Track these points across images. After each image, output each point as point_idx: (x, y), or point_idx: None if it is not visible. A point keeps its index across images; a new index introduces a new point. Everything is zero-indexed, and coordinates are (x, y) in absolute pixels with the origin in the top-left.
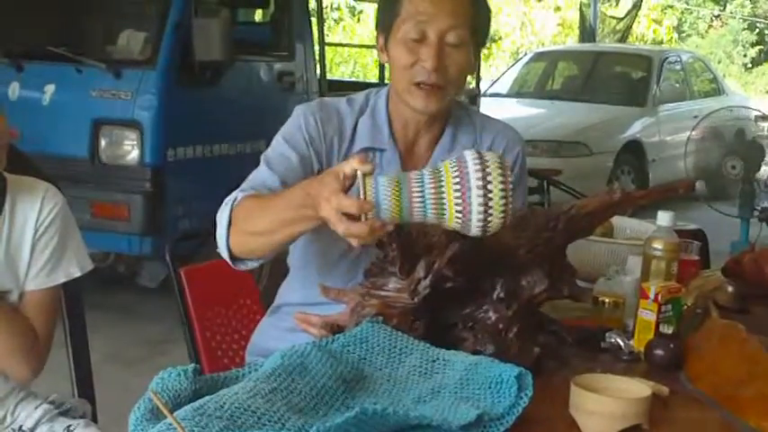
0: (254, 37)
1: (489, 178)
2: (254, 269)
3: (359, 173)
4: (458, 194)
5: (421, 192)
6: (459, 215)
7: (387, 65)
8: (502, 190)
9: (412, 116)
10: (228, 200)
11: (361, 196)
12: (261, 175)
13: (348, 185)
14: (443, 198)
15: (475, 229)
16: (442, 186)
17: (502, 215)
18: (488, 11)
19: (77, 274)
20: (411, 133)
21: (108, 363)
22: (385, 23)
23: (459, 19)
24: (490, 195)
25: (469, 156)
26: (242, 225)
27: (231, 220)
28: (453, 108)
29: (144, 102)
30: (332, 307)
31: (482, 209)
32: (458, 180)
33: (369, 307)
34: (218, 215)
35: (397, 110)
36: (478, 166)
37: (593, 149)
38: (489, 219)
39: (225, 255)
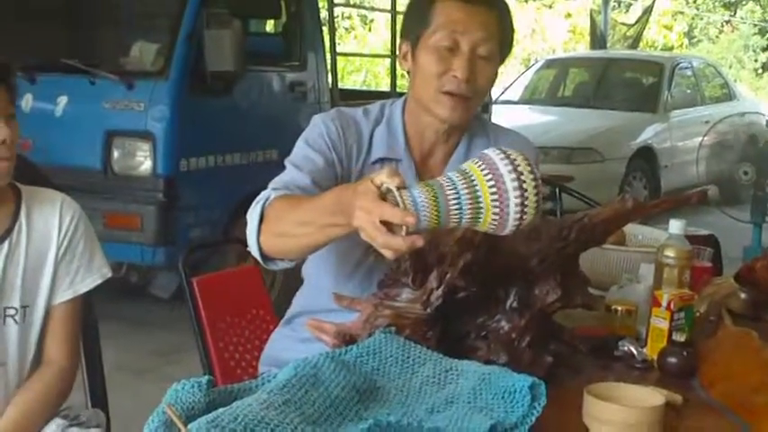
0: (265, 47)
1: (523, 177)
2: (267, 280)
3: (393, 186)
4: (495, 197)
5: (457, 197)
6: (497, 217)
7: (407, 73)
8: (535, 187)
9: (430, 126)
10: (260, 198)
11: (401, 207)
12: (290, 174)
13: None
14: (480, 201)
15: (509, 229)
16: (477, 190)
17: (534, 211)
18: (513, 27)
19: (109, 274)
20: (427, 144)
21: (120, 372)
22: (413, 31)
23: (490, 32)
24: (526, 195)
25: (496, 156)
26: (273, 225)
27: (263, 217)
28: (469, 119)
29: (156, 113)
30: (345, 315)
31: (519, 208)
32: (492, 183)
33: (382, 318)
34: (249, 213)
35: (414, 120)
36: (510, 167)
37: (605, 156)
38: (525, 216)
39: (256, 253)
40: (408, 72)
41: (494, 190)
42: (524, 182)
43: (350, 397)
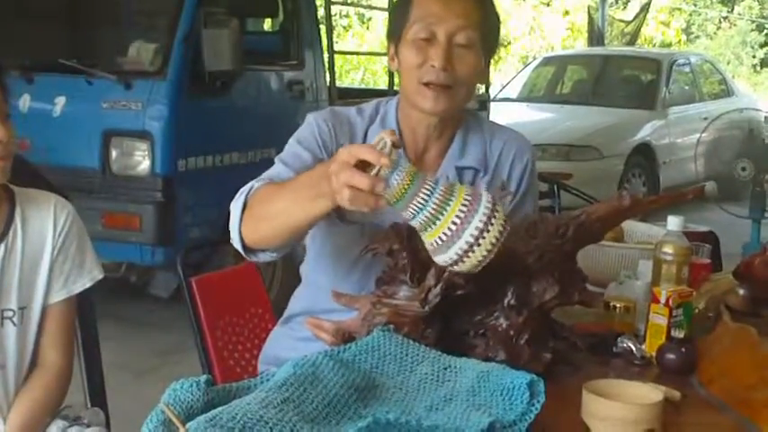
0: (263, 46)
1: (489, 230)
2: (267, 278)
3: (387, 140)
4: (455, 221)
5: (428, 195)
6: (442, 238)
7: (397, 72)
8: (490, 246)
9: (421, 122)
10: (244, 189)
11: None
12: (276, 169)
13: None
14: (442, 214)
15: (443, 259)
16: (448, 204)
17: (475, 264)
18: (497, 17)
19: (100, 276)
20: (421, 141)
21: (120, 373)
22: (395, 30)
23: (468, 20)
24: (478, 244)
25: (485, 198)
26: (257, 210)
27: (246, 205)
28: (463, 116)
29: (154, 112)
30: (344, 314)
31: (463, 250)
32: (465, 209)
33: (380, 315)
34: (233, 204)
35: (407, 117)
36: (488, 212)
37: (604, 153)
38: (463, 260)
39: (237, 244)
40: (395, 71)
41: (460, 214)
42: (487, 232)
43: (348, 395)
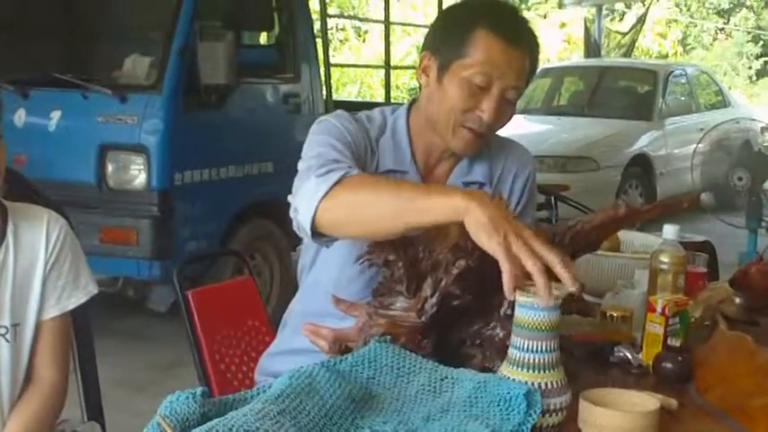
0: (259, 59)
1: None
2: (264, 291)
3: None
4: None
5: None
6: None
7: (421, 86)
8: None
9: (438, 146)
10: (334, 167)
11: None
12: (329, 156)
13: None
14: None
15: None
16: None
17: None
18: (536, 70)
19: (95, 291)
20: (434, 160)
21: (118, 387)
22: (445, 52)
23: (520, 79)
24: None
25: None
26: (356, 197)
27: (336, 186)
28: None
29: (150, 126)
30: (338, 318)
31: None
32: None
33: (376, 326)
34: (308, 184)
35: (422, 135)
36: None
37: (601, 164)
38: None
39: (306, 224)
40: (423, 85)
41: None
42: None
43: (345, 406)
